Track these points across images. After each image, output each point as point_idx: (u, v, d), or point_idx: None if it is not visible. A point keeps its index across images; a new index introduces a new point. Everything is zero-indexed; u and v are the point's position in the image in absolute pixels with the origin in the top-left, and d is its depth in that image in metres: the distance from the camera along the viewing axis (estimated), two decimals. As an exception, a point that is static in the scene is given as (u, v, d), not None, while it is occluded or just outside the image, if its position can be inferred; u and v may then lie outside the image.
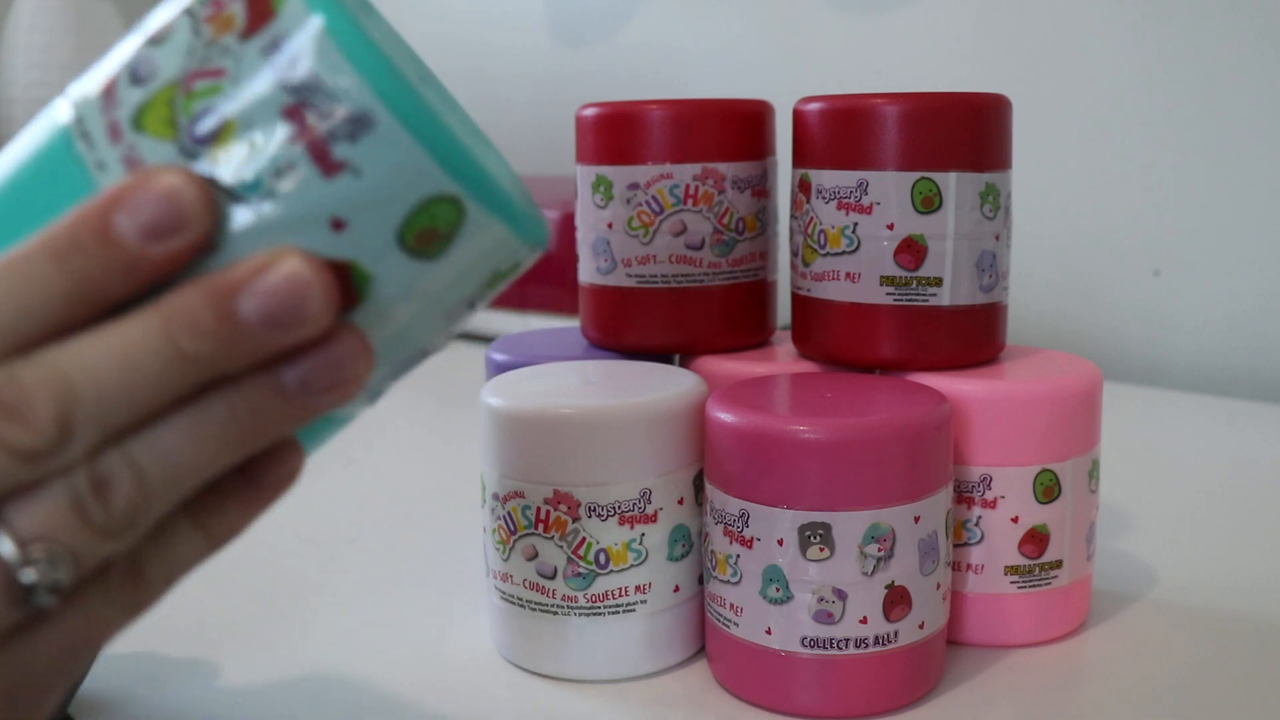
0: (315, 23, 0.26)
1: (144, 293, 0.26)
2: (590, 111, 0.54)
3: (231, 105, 0.26)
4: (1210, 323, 0.94)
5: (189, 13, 0.27)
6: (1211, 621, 0.50)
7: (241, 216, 0.26)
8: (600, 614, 0.45)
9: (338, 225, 0.26)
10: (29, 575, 0.24)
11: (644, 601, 0.45)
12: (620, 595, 0.45)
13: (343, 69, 0.26)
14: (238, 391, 0.26)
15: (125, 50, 0.28)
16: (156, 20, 0.28)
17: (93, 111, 0.27)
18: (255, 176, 0.26)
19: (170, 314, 0.25)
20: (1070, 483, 0.48)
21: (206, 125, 0.26)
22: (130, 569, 0.27)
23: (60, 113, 0.28)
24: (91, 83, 0.28)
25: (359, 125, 0.26)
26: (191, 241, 0.25)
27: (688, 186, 0.52)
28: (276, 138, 0.26)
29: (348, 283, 0.27)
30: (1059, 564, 0.48)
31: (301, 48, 0.26)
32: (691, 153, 0.52)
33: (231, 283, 0.25)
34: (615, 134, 0.53)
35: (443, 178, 0.26)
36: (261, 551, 0.47)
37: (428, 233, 0.27)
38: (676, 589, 0.46)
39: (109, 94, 0.27)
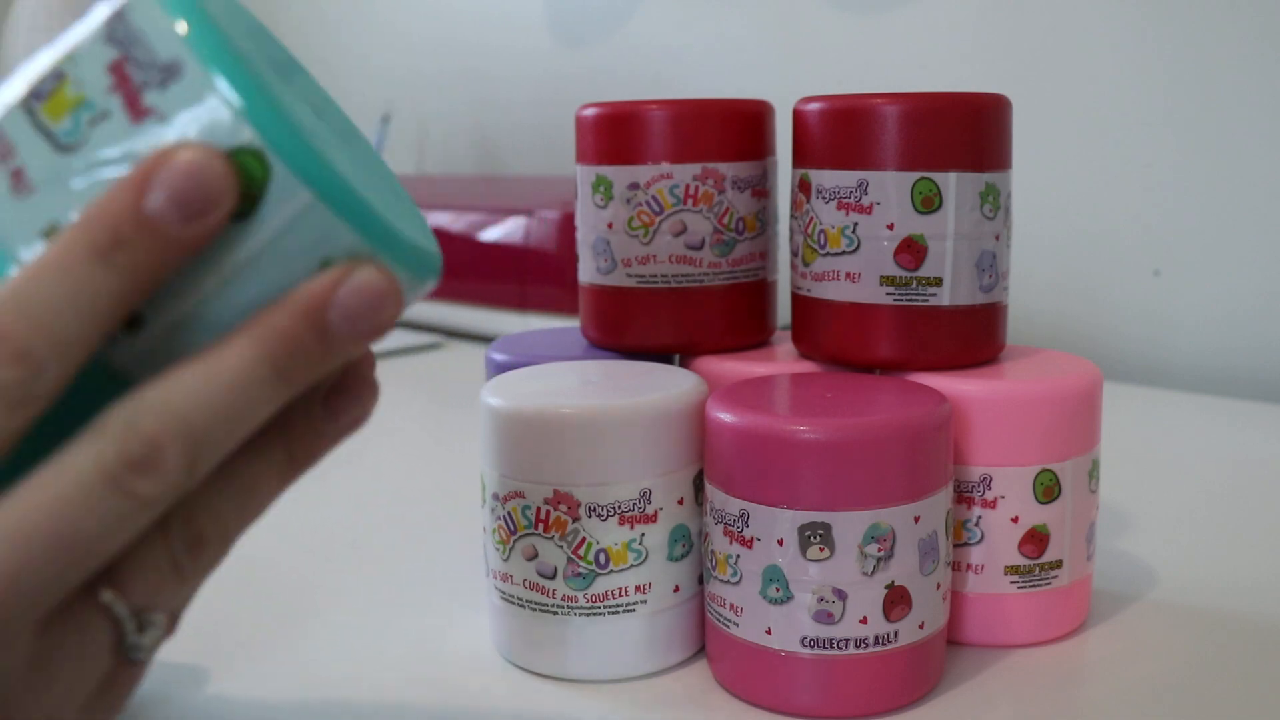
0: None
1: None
2: (590, 111, 0.54)
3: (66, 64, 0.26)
4: (1210, 323, 0.94)
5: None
6: (1211, 621, 0.50)
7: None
8: (600, 614, 0.45)
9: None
10: (139, 638, 0.26)
11: (644, 601, 0.45)
12: (620, 595, 0.45)
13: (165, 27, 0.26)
14: (297, 438, 0.27)
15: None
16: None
17: None
18: (77, 128, 0.26)
19: (269, 339, 0.25)
20: (1070, 483, 0.48)
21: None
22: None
23: None
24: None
25: (168, 73, 0.25)
26: (226, 213, 0.25)
27: (688, 186, 0.52)
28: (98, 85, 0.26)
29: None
30: (1059, 564, 0.48)
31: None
32: (691, 153, 0.52)
33: (320, 299, 0.25)
34: (615, 134, 0.53)
35: (246, 130, 0.26)
36: (261, 551, 0.47)
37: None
38: (676, 589, 0.46)
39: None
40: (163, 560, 0.25)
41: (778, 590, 0.42)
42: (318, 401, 0.28)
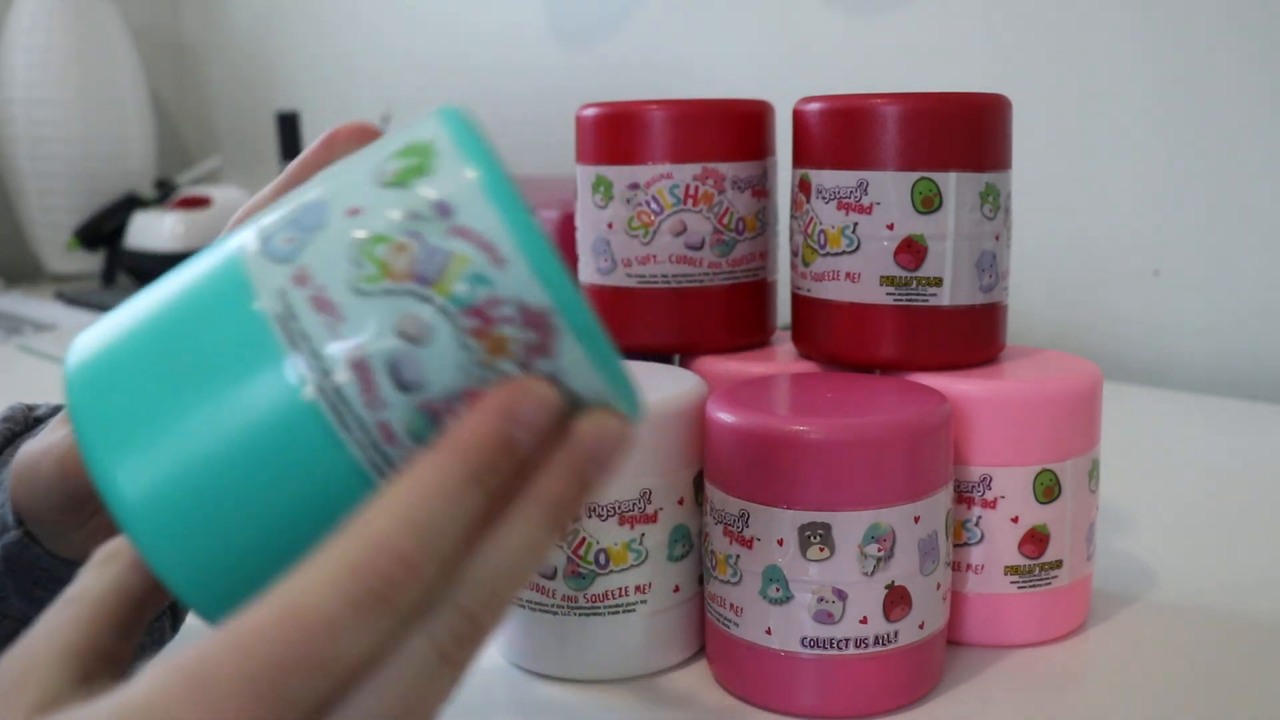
0: (586, 364, 0.27)
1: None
2: (590, 112, 0.54)
3: None
4: (1210, 323, 0.94)
5: (442, 312, 0.26)
6: (1211, 621, 0.50)
7: None
8: (600, 614, 0.45)
9: None
10: None
11: (644, 601, 0.45)
12: (620, 595, 0.45)
13: (601, 393, 0.27)
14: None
15: (354, 307, 0.26)
16: (381, 285, 0.26)
17: (353, 397, 0.26)
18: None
19: (550, 505, 0.27)
20: (1070, 483, 0.48)
21: None
22: None
23: (300, 385, 0.26)
24: (336, 356, 0.26)
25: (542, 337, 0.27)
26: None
27: (688, 186, 0.52)
28: None
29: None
30: (1059, 564, 0.48)
31: (574, 380, 0.27)
32: (691, 153, 0.52)
33: (586, 459, 0.28)
34: (615, 134, 0.53)
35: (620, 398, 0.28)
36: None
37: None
38: (676, 589, 0.46)
39: (368, 387, 0.26)
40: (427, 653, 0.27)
41: (778, 590, 0.42)
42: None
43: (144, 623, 0.30)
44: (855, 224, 0.48)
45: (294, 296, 0.26)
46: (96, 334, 0.28)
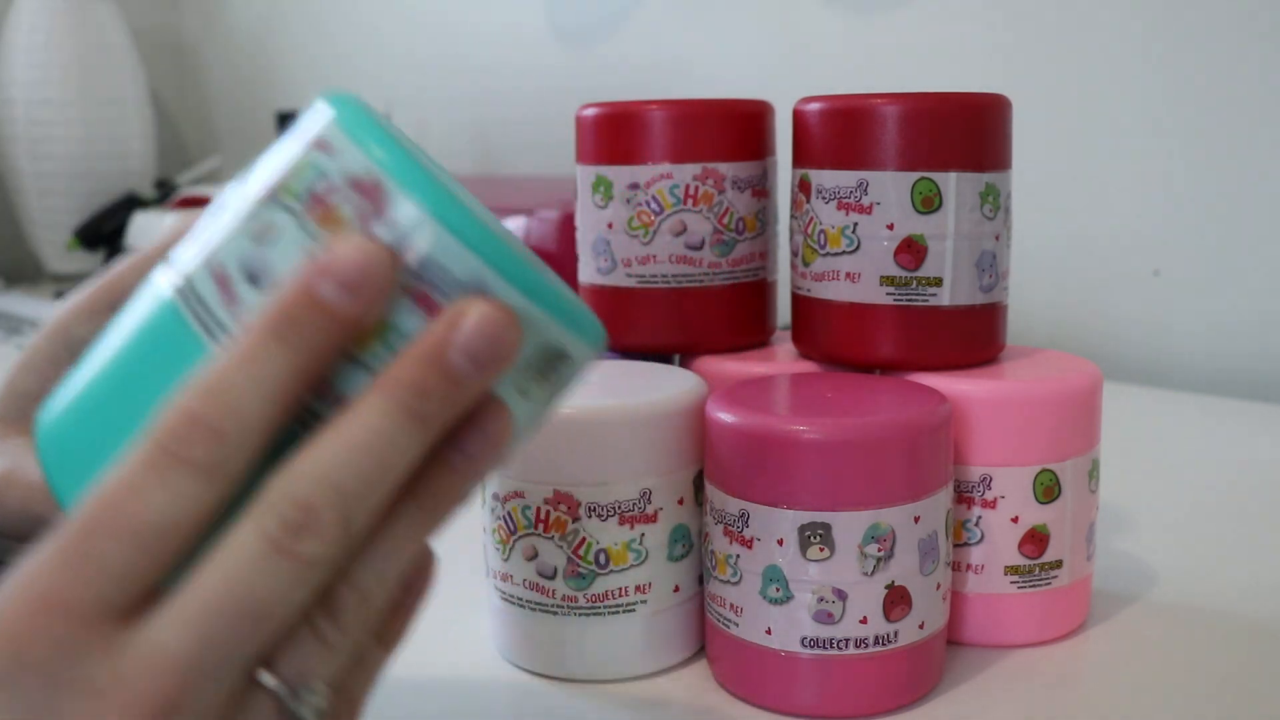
0: (427, 221, 0.27)
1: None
2: (590, 111, 0.54)
3: None
4: (1210, 323, 0.94)
5: (284, 208, 0.28)
6: (1211, 621, 0.50)
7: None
8: (600, 614, 0.45)
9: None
10: (297, 705, 0.27)
11: (644, 601, 0.45)
12: (620, 595, 0.45)
13: (459, 256, 0.27)
14: (414, 485, 0.28)
15: (225, 228, 0.29)
16: (250, 201, 0.29)
17: (213, 301, 0.28)
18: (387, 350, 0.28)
19: (397, 389, 0.27)
20: (1070, 483, 0.48)
21: None
22: (342, 698, 0.29)
23: (166, 287, 0.29)
24: (198, 262, 0.29)
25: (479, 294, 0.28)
26: (380, 298, 0.27)
27: (688, 186, 0.52)
28: (407, 318, 0.27)
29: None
30: (1059, 564, 0.48)
31: (419, 239, 0.27)
32: (691, 153, 0.52)
33: (438, 343, 0.27)
34: (615, 134, 0.53)
35: (558, 330, 0.29)
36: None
37: (544, 378, 0.29)
38: (676, 589, 0.46)
39: (225, 288, 0.28)
40: (303, 630, 0.27)
41: (778, 590, 0.42)
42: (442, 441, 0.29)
43: None
44: (855, 224, 0.48)
45: (195, 271, 0.29)
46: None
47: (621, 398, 0.45)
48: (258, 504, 0.26)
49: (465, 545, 0.59)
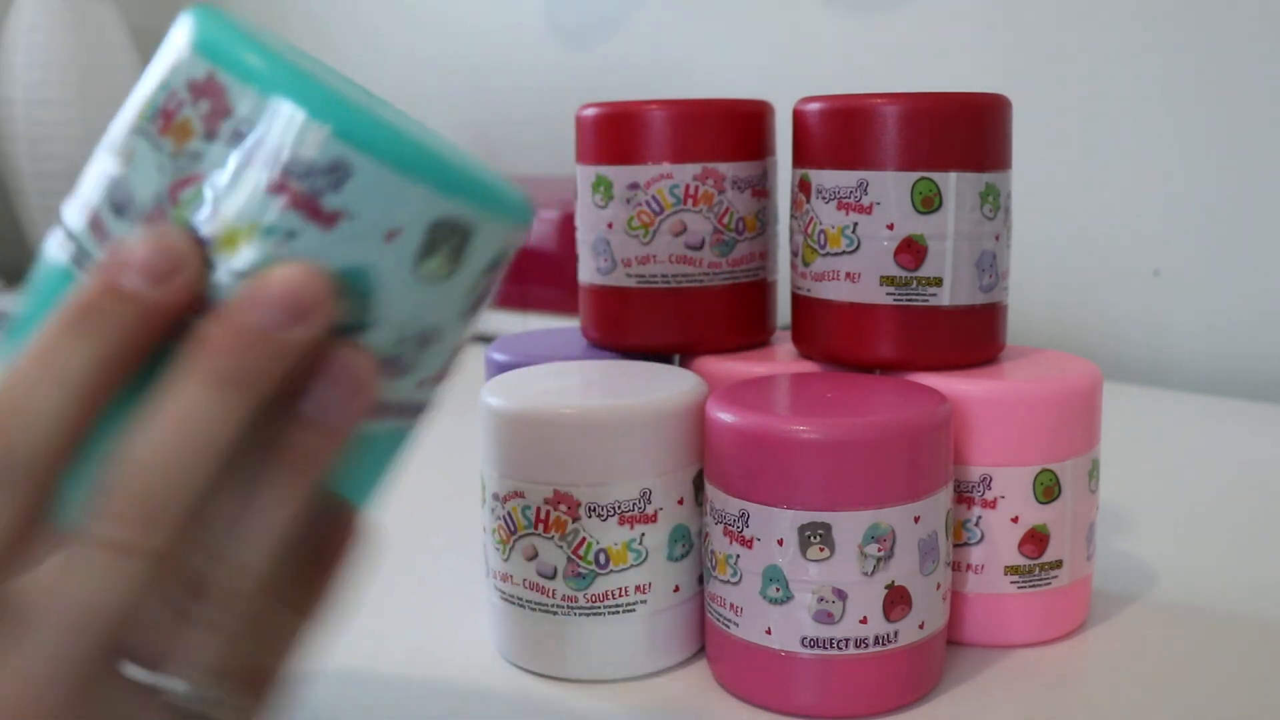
0: (272, 105, 0.26)
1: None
2: (590, 111, 0.54)
3: (221, 205, 0.27)
4: (1210, 323, 0.94)
5: (140, 132, 0.28)
6: (1211, 621, 0.50)
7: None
8: (600, 614, 0.45)
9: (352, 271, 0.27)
10: (192, 698, 0.26)
11: (644, 601, 0.45)
12: (620, 595, 0.45)
13: (313, 136, 0.26)
14: (274, 448, 0.27)
15: (98, 172, 0.29)
16: (115, 137, 0.29)
17: (90, 246, 0.28)
18: (264, 255, 0.26)
19: (208, 357, 0.25)
20: (1070, 483, 0.48)
21: (204, 233, 0.27)
22: (247, 669, 0.28)
23: (58, 251, 0.29)
24: (78, 214, 0.29)
25: (340, 174, 0.26)
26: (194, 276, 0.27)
27: (688, 186, 0.52)
28: (271, 212, 0.26)
29: (361, 302, 0.27)
30: (1059, 564, 0.48)
31: (269, 129, 0.26)
32: (691, 153, 0.52)
33: (234, 305, 0.26)
34: (615, 134, 0.53)
35: (438, 200, 0.27)
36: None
37: (438, 254, 0.28)
38: (676, 589, 0.46)
39: (98, 228, 0.28)
40: (161, 609, 0.25)
41: (778, 590, 0.42)
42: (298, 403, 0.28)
43: None
44: (855, 224, 0.48)
45: (73, 219, 0.29)
46: None
47: (621, 398, 0.45)
48: (88, 504, 0.25)
49: (465, 545, 0.59)
